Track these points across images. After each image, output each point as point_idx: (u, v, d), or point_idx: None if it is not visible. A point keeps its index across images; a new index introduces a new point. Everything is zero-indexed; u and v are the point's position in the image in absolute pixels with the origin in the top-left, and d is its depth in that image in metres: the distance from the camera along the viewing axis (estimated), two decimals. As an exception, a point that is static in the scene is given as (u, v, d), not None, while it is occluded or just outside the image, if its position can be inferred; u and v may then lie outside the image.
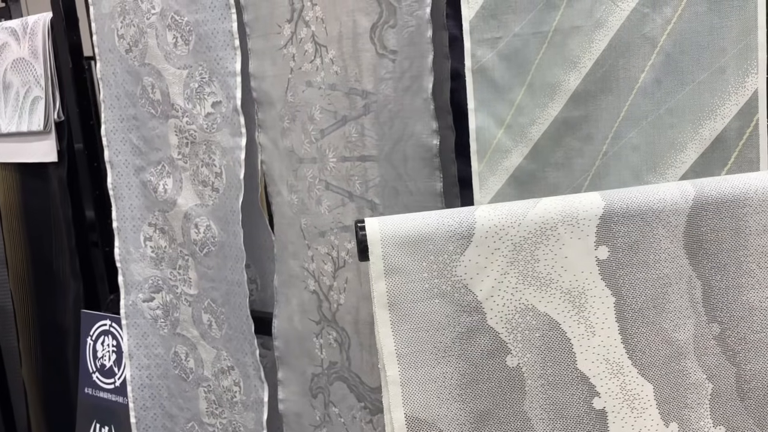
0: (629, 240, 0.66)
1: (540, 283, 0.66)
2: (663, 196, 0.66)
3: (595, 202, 0.66)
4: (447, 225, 0.67)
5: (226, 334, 1.46)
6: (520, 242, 0.66)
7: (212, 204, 1.42)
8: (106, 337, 1.69)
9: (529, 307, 0.66)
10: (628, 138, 0.96)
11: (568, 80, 0.99)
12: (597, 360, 0.66)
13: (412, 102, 1.12)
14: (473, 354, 0.67)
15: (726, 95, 0.89)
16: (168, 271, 1.54)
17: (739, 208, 0.66)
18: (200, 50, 1.36)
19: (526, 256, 0.66)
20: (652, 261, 0.66)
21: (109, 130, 1.54)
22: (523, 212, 0.67)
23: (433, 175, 1.12)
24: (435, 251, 0.66)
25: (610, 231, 0.66)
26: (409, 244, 0.66)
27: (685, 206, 0.66)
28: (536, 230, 0.66)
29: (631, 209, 0.66)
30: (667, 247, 0.66)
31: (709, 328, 0.67)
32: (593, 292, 0.66)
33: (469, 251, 0.67)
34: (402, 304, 0.66)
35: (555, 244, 0.66)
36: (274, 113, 1.31)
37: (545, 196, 1.04)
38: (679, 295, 0.66)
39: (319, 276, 1.30)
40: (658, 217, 0.66)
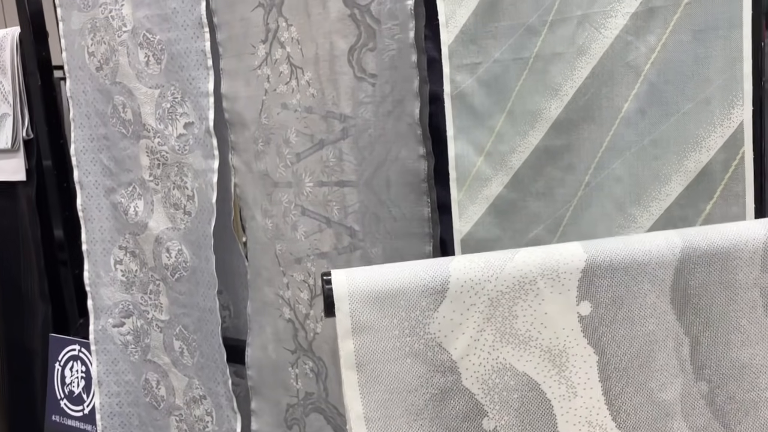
0: (613, 295, 0.63)
1: (518, 340, 0.62)
2: (649, 248, 0.63)
3: (577, 255, 0.63)
4: (420, 279, 0.62)
5: (198, 362, 1.41)
6: (498, 297, 0.62)
7: (184, 228, 1.37)
8: (75, 363, 1.64)
9: (507, 367, 0.62)
10: (611, 169, 0.93)
11: (550, 108, 0.96)
12: (579, 422, 0.62)
13: (396, 126, 1.09)
14: (448, 417, 0.62)
15: (711, 127, 0.86)
16: (139, 295, 1.49)
17: (728, 261, 0.62)
18: (172, 69, 1.32)
19: (503, 312, 0.62)
20: (637, 317, 0.63)
21: (78, 149, 1.49)
22: (500, 265, 0.63)
23: (420, 200, 1.09)
24: (407, 307, 0.62)
25: (592, 285, 0.63)
26: (379, 300, 0.62)
27: (672, 259, 0.63)
28: (514, 284, 0.62)
29: (615, 262, 0.62)
30: (653, 302, 0.63)
31: (697, 386, 0.64)
32: (575, 351, 0.63)
33: (443, 307, 0.63)
34: (371, 364, 0.61)
35: (534, 299, 0.62)
36: (248, 135, 1.27)
37: (526, 226, 1.02)
38: (665, 352, 0.63)
39: (295, 304, 1.26)
40: (643, 270, 0.63)
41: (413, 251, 1.10)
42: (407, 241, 1.10)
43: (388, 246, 1.12)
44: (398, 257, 1.11)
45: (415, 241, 1.09)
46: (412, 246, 1.10)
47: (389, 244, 1.12)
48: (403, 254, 1.11)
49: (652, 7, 0.87)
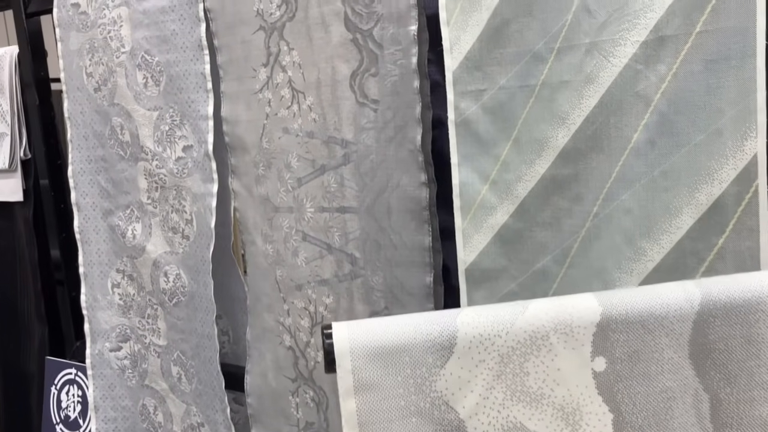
0: (629, 350, 0.60)
1: (530, 398, 0.60)
2: (666, 300, 0.60)
3: (591, 308, 0.60)
4: (426, 334, 0.60)
5: (196, 389, 1.38)
6: (508, 353, 0.59)
7: (182, 252, 1.35)
8: (71, 387, 1.61)
9: (518, 426, 0.60)
10: (621, 200, 0.90)
11: (557, 137, 0.94)
12: None
13: (397, 153, 1.06)
14: None
15: (724, 159, 0.84)
16: (136, 319, 1.47)
17: (750, 314, 0.60)
18: (171, 92, 1.29)
19: (514, 369, 0.60)
20: (654, 373, 0.60)
21: (76, 171, 1.47)
22: (511, 319, 0.60)
23: (421, 228, 1.06)
24: (412, 364, 0.59)
25: (607, 340, 0.60)
26: (382, 356, 0.59)
27: (690, 312, 0.60)
28: (526, 340, 0.60)
29: (631, 315, 0.60)
30: (671, 357, 0.60)
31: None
32: (589, 408, 0.60)
33: (451, 363, 0.60)
34: (374, 424, 0.59)
35: (547, 355, 0.60)
36: (248, 159, 1.25)
37: (533, 256, 1.00)
38: (684, 410, 0.60)
39: (296, 331, 1.24)
40: (660, 324, 0.60)
41: (414, 281, 1.07)
42: (408, 270, 1.07)
43: (388, 275, 1.09)
44: (399, 286, 1.09)
45: (416, 271, 1.07)
46: (412, 275, 1.07)
47: (390, 272, 1.09)
48: (403, 283, 1.08)
49: (663, 36, 0.84)
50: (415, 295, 1.08)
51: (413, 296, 1.08)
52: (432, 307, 1.07)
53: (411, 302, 1.08)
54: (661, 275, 0.88)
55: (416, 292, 1.08)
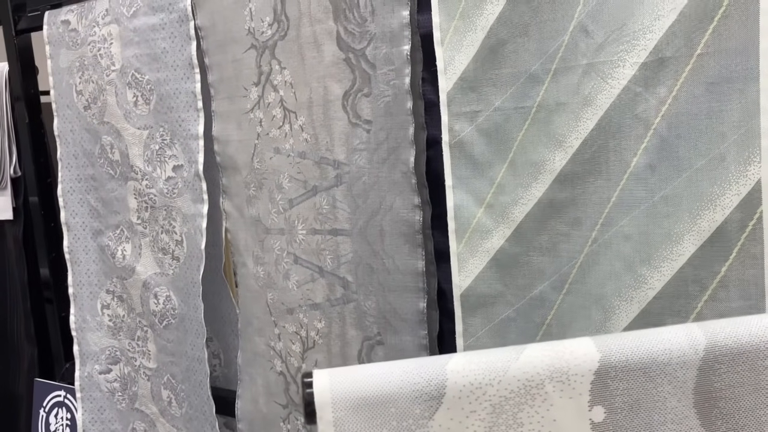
0: (629, 399, 0.57)
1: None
2: (669, 346, 0.57)
3: (590, 354, 0.57)
4: (413, 383, 0.56)
5: (186, 413, 1.35)
6: (501, 403, 0.56)
7: (172, 273, 1.32)
8: (60, 410, 1.57)
9: None
10: (620, 226, 0.88)
11: (554, 160, 0.91)
12: None
13: (390, 174, 1.04)
14: None
15: (726, 184, 0.81)
16: (126, 341, 1.43)
17: (759, 360, 0.56)
18: (161, 110, 1.27)
19: (507, 420, 0.56)
20: (656, 423, 0.56)
21: (65, 190, 1.44)
22: (503, 366, 0.57)
23: (414, 252, 1.04)
24: (398, 415, 0.56)
25: (606, 388, 0.57)
26: (366, 408, 0.56)
27: (695, 358, 0.57)
28: (519, 389, 0.56)
29: (632, 362, 0.56)
30: (675, 406, 0.57)
31: None
32: None
33: (440, 415, 0.56)
34: None
35: (542, 405, 0.56)
36: (240, 179, 1.22)
37: (530, 282, 0.97)
38: None
39: (287, 356, 1.20)
40: (663, 371, 0.57)
41: (407, 306, 1.04)
42: (401, 296, 1.04)
43: (381, 299, 1.06)
44: (391, 312, 1.06)
45: (409, 296, 1.04)
46: (405, 301, 1.04)
47: (382, 297, 1.06)
48: (396, 309, 1.05)
49: (663, 58, 0.82)
50: (408, 320, 1.05)
51: (406, 322, 1.05)
52: (425, 334, 1.04)
53: (404, 328, 1.05)
54: (662, 303, 0.85)
55: (409, 317, 1.05)
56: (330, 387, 0.56)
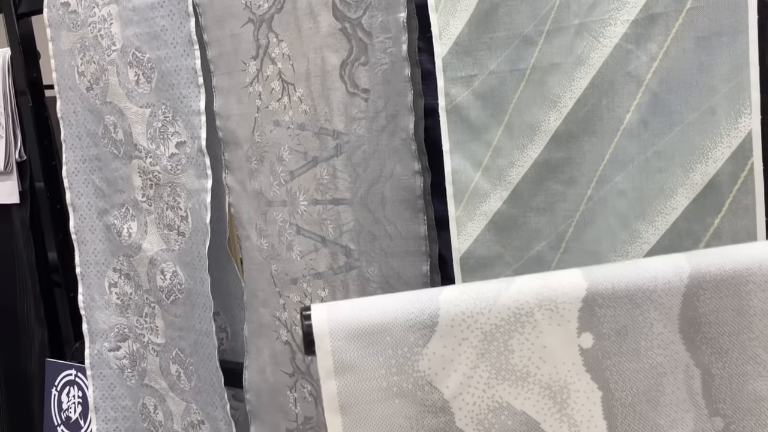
0: (617, 325, 0.58)
1: (515, 377, 0.58)
2: (654, 274, 0.59)
3: (577, 283, 0.59)
4: (407, 313, 0.58)
5: (195, 386, 1.38)
6: (492, 331, 0.58)
7: (178, 249, 1.34)
8: (72, 388, 1.60)
9: (503, 405, 0.58)
10: (614, 182, 0.89)
11: (549, 120, 0.93)
12: None
13: (390, 142, 1.05)
14: None
15: (718, 137, 0.82)
16: (134, 318, 1.46)
17: (741, 286, 0.58)
18: (163, 88, 1.29)
19: (498, 347, 0.58)
20: (643, 348, 0.58)
21: (70, 171, 1.46)
22: (494, 296, 0.59)
23: (416, 217, 1.05)
24: (393, 344, 0.58)
25: (594, 316, 0.59)
26: (362, 336, 0.58)
27: (679, 285, 0.59)
28: (510, 317, 0.58)
29: (619, 290, 0.58)
30: (661, 332, 0.58)
31: (711, 422, 0.59)
32: (577, 386, 0.58)
33: (433, 342, 0.59)
34: (356, 406, 0.57)
35: (532, 332, 0.58)
36: (241, 154, 1.24)
37: (527, 242, 0.98)
38: (675, 386, 0.59)
39: (292, 326, 1.23)
40: (649, 298, 0.59)
41: (410, 271, 1.06)
42: (404, 260, 1.06)
43: (384, 265, 1.08)
44: (395, 277, 1.08)
45: (412, 260, 1.06)
46: (408, 265, 1.06)
47: (385, 263, 1.08)
48: (400, 274, 1.07)
49: (653, 14, 0.83)
50: (411, 284, 1.07)
51: (410, 286, 1.07)
52: (428, 297, 1.06)
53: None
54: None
55: (413, 281, 1.07)
56: (327, 319, 0.58)
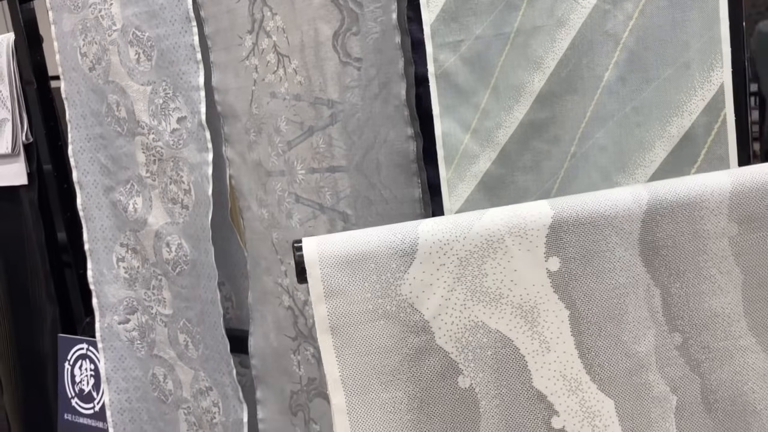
0: (581, 249, 0.63)
1: (489, 298, 0.63)
2: (615, 201, 0.63)
3: (543, 212, 0.63)
4: (389, 242, 0.63)
5: (202, 354, 1.43)
6: (467, 256, 0.63)
7: (182, 222, 1.39)
8: (84, 362, 1.66)
9: (479, 325, 0.63)
10: (596, 138, 0.93)
11: (533, 81, 0.96)
12: (553, 377, 0.63)
13: (383, 109, 1.09)
14: (423, 376, 0.63)
15: (692, 91, 0.86)
16: (142, 291, 1.51)
17: (695, 211, 0.62)
18: (163, 65, 1.33)
19: (473, 271, 0.63)
20: (606, 270, 0.63)
21: (76, 150, 1.51)
22: (468, 225, 0.63)
23: (410, 181, 1.10)
24: (377, 270, 0.63)
25: (560, 241, 0.63)
26: (349, 264, 0.63)
27: (638, 211, 0.63)
28: (483, 243, 0.63)
29: (582, 217, 0.63)
30: (622, 255, 0.63)
31: (670, 338, 0.64)
32: (546, 306, 0.63)
33: (413, 268, 0.63)
34: (345, 327, 0.62)
35: (503, 257, 0.63)
36: (240, 126, 1.28)
37: (515, 201, 1.02)
38: (637, 304, 0.63)
39: (294, 291, 1.27)
40: (610, 224, 0.63)
41: (405, 232, 1.10)
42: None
43: (380, 228, 1.13)
44: (391, 238, 1.12)
45: (407, 222, 1.10)
46: (404, 227, 1.10)
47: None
48: (395, 235, 1.11)
49: (628, -26, 0.87)
50: (405, 246, 1.11)
51: (404, 248, 1.11)
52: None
53: (402, 253, 1.11)
54: (638, 209, 0.91)
55: (406, 243, 1.11)
56: (317, 249, 0.63)
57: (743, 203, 0.62)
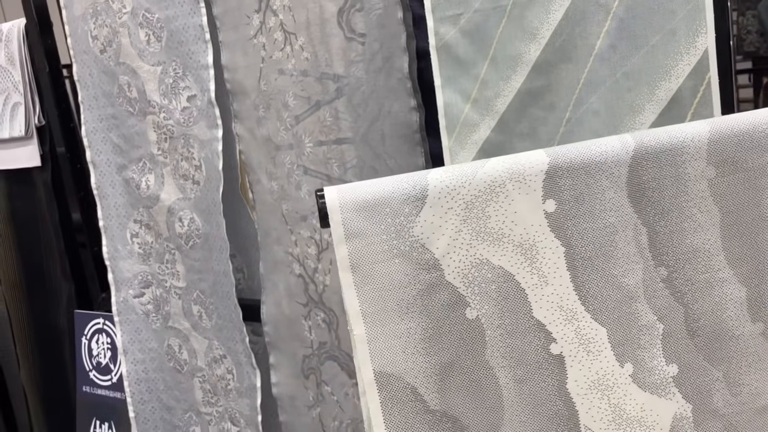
0: (575, 192, 0.70)
1: (492, 238, 0.70)
2: (605, 148, 0.70)
3: (540, 159, 0.70)
4: (401, 188, 0.70)
5: (216, 324, 1.49)
6: (472, 200, 0.69)
7: (194, 197, 1.44)
8: (101, 335, 1.72)
9: (483, 262, 0.70)
10: (589, 104, 0.99)
11: (529, 51, 1.02)
12: (551, 308, 0.70)
13: (387, 82, 1.15)
14: (434, 309, 0.70)
15: (679, 56, 0.92)
16: (156, 265, 1.57)
17: (677, 156, 0.69)
18: (172, 46, 1.38)
19: (477, 214, 0.70)
20: (597, 211, 0.70)
21: (89, 130, 1.56)
22: (472, 172, 0.70)
23: (414, 151, 1.15)
24: (392, 214, 0.70)
25: (556, 185, 0.70)
26: (366, 209, 0.69)
27: (626, 157, 0.69)
28: (486, 188, 0.69)
29: (575, 163, 0.69)
30: (612, 196, 0.70)
31: (656, 271, 0.71)
32: (544, 244, 0.70)
33: (424, 212, 0.70)
34: (364, 265, 0.69)
35: (504, 200, 0.70)
36: (249, 103, 1.33)
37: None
38: (626, 242, 0.70)
39: (304, 259, 1.33)
40: (600, 168, 0.70)
41: (410, 198, 1.16)
42: (404, 190, 1.16)
43: (386, 196, 1.18)
44: (397, 205, 1.18)
45: (412, 189, 1.16)
46: (408, 193, 1.16)
47: (387, 194, 1.18)
48: (401, 202, 1.17)
49: (617, -53, 0.92)
50: (410, 212, 1.17)
51: (409, 214, 1.17)
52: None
53: (407, 219, 1.17)
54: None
55: (411, 209, 1.17)
56: (338, 197, 0.69)
57: (720, 148, 0.69)
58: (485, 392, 0.70)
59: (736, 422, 0.72)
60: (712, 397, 0.71)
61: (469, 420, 0.70)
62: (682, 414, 0.71)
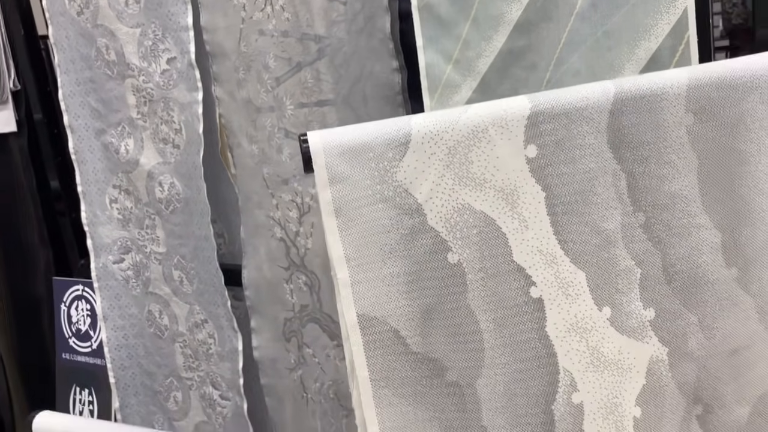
0: (556, 138, 0.71)
1: (475, 183, 0.71)
2: (585, 95, 0.70)
3: (522, 104, 0.71)
4: (385, 133, 0.70)
5: (197, 289, 1.49)
6: (455, 146, 0.70)
7: (174, 161, 1.43)
8: (80, 302, 1.71)
9: (465, 206, 0.71)
10: (570, 63, 1.00)
11: (511, 11, 1.02)
12: (531, 252, 0.71)
13: (368, 43, 1.14)
14: (417, 253, 0.71)
15: (658, 15, 0.92)
16: (135, 231, 1.56)
17: (656, 103, 0.70)
18: (151, 7, 1.36)
19: (460, 159, 0.70)
20: (578, 156, 0.71)
21: (66, 94, 1.54)
22: (455, 117, 0.71)
23: (396, 112, 1.15)
24: (375, 158, 0.70)
25: (537, 130, 0.71)
26: (350, 153, 0.70)
27: (606, 103, 0.70)
28: (469, 133, 0.70)
29: (556, 109, 0.70)
30: (592, 142, 0.71)
31: (635, 217, 0.72)
32: (524, 189, 0.71)
33: (408, 157, 0.71)
34: (347, 210, 0.70)
35: (487, 145, 0.70)
36: (229, 65, 1.32)
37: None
38: (605, 187, 0.71)
39: (285, 223, 1.33)
40: (581, 114, 0.70)
41: (392, 159, 1.16)
42: (386, 151, 1.17)
43: (368, 157, 1.19)
44: (378, 167, 1.18)
45: (393, 150, 1.16)
46: (390, 155, 1.16)
47: (369, 155, 1.18)
48: (382, 163, 1.18)
49: None
50: (391, 174, 1.17)
51: (390, 175, 1.18)
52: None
53: (388, 181, 1.18)
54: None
55: (393, 171, 1.17)
56: (321, 141, 0.70)
57: (698, 96, 0.70)
58: (466, 335, 0.72)
59: (708, 364, 0.74)
60: (687, 340, 0.73)
61: (451, 362, 0.71)
62: (658, 357, 0.73)
